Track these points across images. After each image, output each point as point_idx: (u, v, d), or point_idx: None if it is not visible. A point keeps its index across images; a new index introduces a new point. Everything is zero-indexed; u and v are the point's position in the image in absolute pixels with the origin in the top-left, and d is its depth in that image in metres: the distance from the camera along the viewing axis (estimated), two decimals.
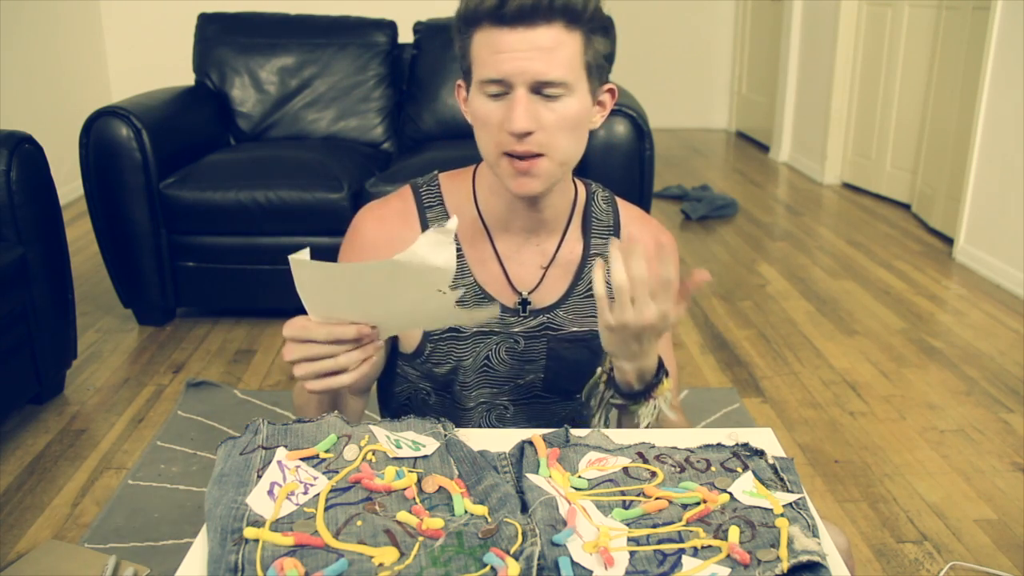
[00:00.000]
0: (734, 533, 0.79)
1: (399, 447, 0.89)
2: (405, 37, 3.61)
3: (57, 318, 2.43)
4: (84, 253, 3.67)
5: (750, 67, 6.56)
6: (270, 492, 0.81)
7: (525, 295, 1.15)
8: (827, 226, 4.34)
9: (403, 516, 0.79)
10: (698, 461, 0.91)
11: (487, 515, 0.80)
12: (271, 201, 2.85)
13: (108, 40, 4.95)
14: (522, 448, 0.91)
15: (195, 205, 2.85)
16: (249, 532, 0.75)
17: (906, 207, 4.55)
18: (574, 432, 0.95)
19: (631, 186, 2.78)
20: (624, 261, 0.95)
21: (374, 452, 0.88)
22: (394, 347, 1.20)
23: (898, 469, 2.19)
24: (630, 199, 1.27)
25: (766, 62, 6.13)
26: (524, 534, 0.76)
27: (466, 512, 0.81)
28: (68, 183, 4.22)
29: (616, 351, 1.02)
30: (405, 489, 0.83)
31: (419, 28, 3.51)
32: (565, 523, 0.79)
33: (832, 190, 5.03)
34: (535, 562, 0.73)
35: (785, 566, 0.74)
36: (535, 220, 1.13)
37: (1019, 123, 3.36)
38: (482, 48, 1.00)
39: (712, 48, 6.88)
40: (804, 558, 0.75)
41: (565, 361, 1.17)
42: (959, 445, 2.30)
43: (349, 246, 1.16)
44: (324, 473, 0.84)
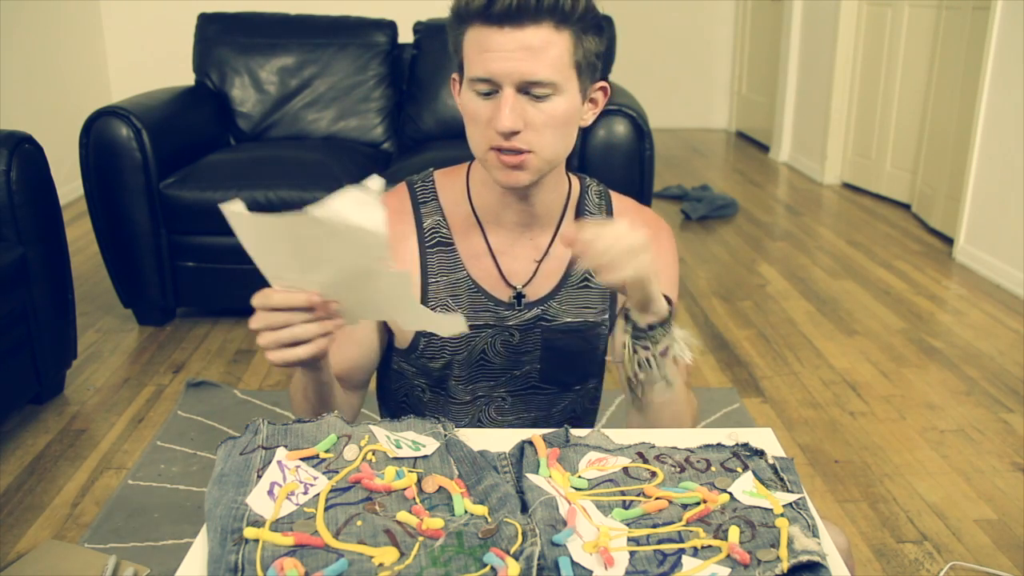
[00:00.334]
0: (734, 533, 0.79)
1: (399, 447, 0.89)
2: (405, 37, 3.61)
3: (57, 318, 2.43)
4: (84, 253, 3.67)
5: (750, 67, 6.56)
6: (270, 492, 0.81)
7: (519, 288, 1.16)
8: (827, 226, 4.34)
9: (403, 516, 0.79)
10: (698, 461, 0.91)
11: (487, 515, 0.80)
12: (271, 201, 2.85)
13: (108, 40, 4.95)
14: (522, 448, 0.91)
15: (195, 205, 2.85)
16: (249, 532, 0.75)
17: (906, 207, 4.55)
18: (574, 432, 0.96)
19: (631, 186, 2.78)
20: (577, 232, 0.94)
21: (374, 452, 0.88)
22: (390, 344, 1.21)
23: (898, 469, 2.19)
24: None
25: (766, 62, 6.13)
26: (524, 534, 0.76)
27: (466, 512, 0.81)
28: (68, 183, 4.22)
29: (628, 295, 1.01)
30: (405, 489, 0.83)
31: (419, 28, 3.51)
32: (565, 523, 0.79)
33: (832, 190, 5.03)
34: (535, 562, 0.73)
35: (785, 566, 0.74)
36: (527, 214, 1.14)
37: (1019, 123, 3.36)
38: (472, 46, 1.02)
39: (712, 48, 6.88)
40: (804, 558, 0.75)
41: (560, 351, 1.18)
42: (959, 445, 2.30)
43: None
44: (324, 473, 0.84)
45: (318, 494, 0.81)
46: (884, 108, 4.67)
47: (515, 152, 1.03)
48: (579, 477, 0.88)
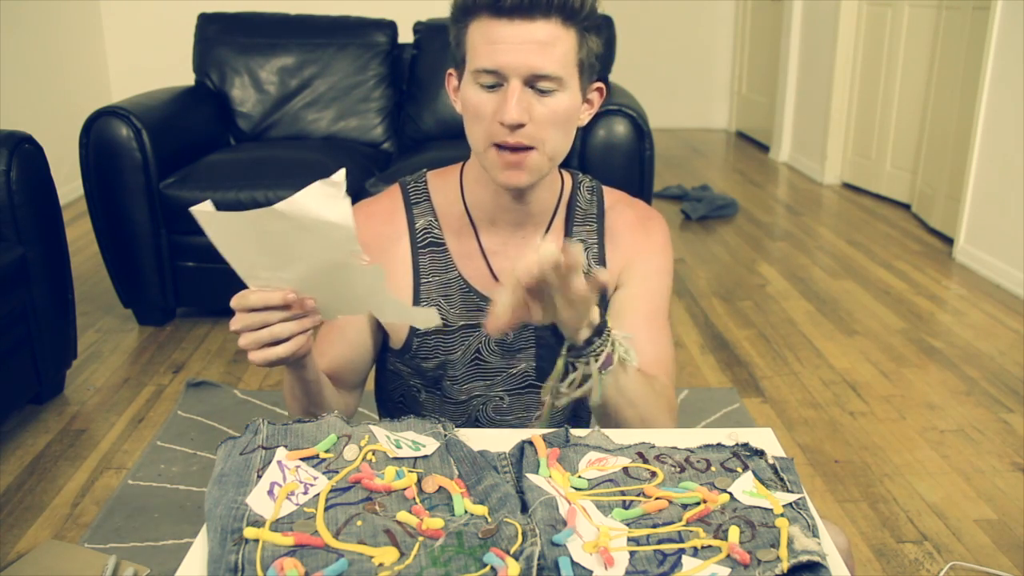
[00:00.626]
0: (734, 533, 0.79)
1: (399, 447, 0.89)
2: (405, 37, 3.61)
3: (57, 318, 2.43)
4: (84, 253, 3.67)
5: (750, 67, 6.56)
6: (270, 492, 0.81)
7: None
8: (827, 226, 4.34)
9: (403, 516, 0.79)
10: (698, 461, 0.91)
11: (487, 515, 0.80)
12: (271, 201, 2.81)
13: (108, 40, 4.95)
14: (522, 448, 0.91)
15: (195, 205, 2.84)
16: (249, 532, 0.75)
17: (906, 207, 4.55)
18: (574, 432, 0.95)
19: (631, 186, 2.78)
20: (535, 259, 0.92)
21: (374, 452, 0.88)
22: (385, 343, 1.21)
23: (898, 469, 2.19)
24: None
25: (766, 62, 6.13)
26: (524, 534, 0.76)
27: (466, 512, 0.81)
28: (68, 183, 4.22)
29: (564, 319, 1.00)
30: (405, 489, 0.83)
31: (419, 28, 3.51)
32: (565, 523, 0.79)
33: (832, 190, 5.03)
34: (535, 562, 0.73)
35: (785, 566, 0.74)
36: (522, 214, 1.14)
37: (1019, 123, 3.36)
38: (478, 38, 1.01)
39: (712, 48, 6.88)
40: (804, 558, 0.75)
41: (554, 348, 1.17)
42: (959, 445, 2.30)
43: None
44: (324, 473, 0.84)
45: (318, 494, 0.81)
46: (884, 108, 4.67)
47: (517, 149, 1.02)
48: (579, 477, 0.88)
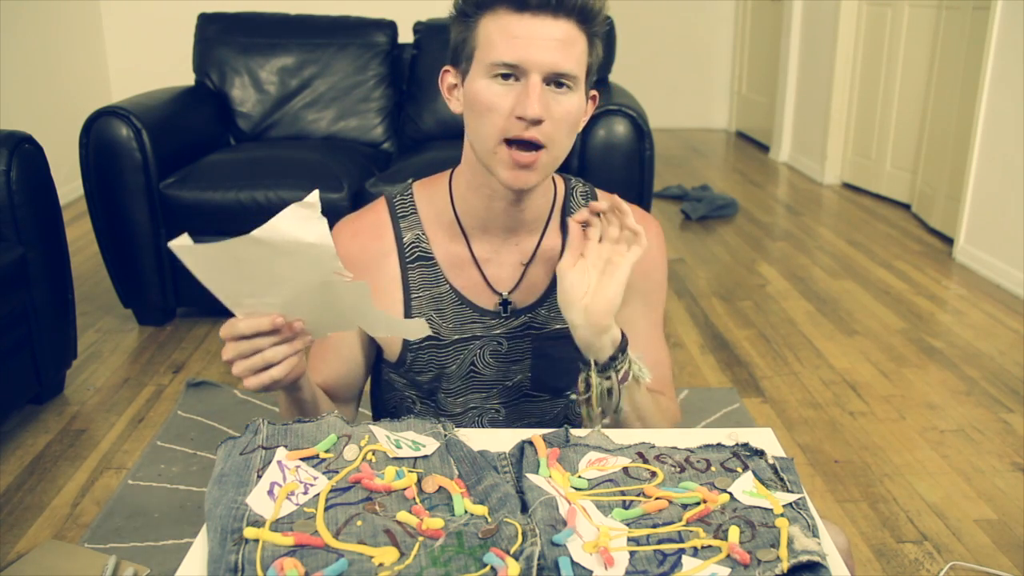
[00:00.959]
0: (734, 533, 0.79)
1: (399, 447, 0.89)
2: (405, 37, 3.61)
3: (57, 318, 2.43)
4: (84, 253, 3.67)
5: (750, 67, 6.56)
6: (270, 492, 0.81)
7: (505, 295, 1.14)
8: (827, 226, 4.34)
9: (403, 516, 0.79)
10: (698, 461, 0.91)
11: (487, 515, 0.80)
12: (271, 201, 2.85)
13: (108, 40, 4.95)
14: (522, 448, 0.91)
15: (195, 205, 2.85)
16: (249, 532, 0.75)
17: (906, 207, 4.55)
18: (574, 432, 0.95)
19: (631, 186, 2.78)
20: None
21: (374, 452, 0.88)
22: (379, 356, 1.20)
23: (898, 469, 2.19)
24: (630, 199, 1.26)
25: (766, 62, 6.13)
26: (524, 534, 0.76)
27: (466, 512, 0.81)
28: (68, 183, 4.22)
29: (583, 329, 1.02)
30: (405, 489, 0.83)
31: (419, 28, 3.51)
32: (565, 523, 0.79)
33: (832, 190, 5.03)
34: (535, 562, 0.73)
35: (785, 566, 0.74)
36: (516, 219, 1.11)
37: (1019, 123, 3.36)
38: (495, 31, 0.99)
39: (712, 48, 6.88)
40: (804, 558, 0.75)
41: (551, 359, 1.16)
42: (959, 445, 2.30)
43: None
44: (324, 473, 0.84)
45: (318, 494, 0.81)
46: (884, 108, 4.67)
47: (529, 149, 1.01)
48: (579, 477, 0.88)
